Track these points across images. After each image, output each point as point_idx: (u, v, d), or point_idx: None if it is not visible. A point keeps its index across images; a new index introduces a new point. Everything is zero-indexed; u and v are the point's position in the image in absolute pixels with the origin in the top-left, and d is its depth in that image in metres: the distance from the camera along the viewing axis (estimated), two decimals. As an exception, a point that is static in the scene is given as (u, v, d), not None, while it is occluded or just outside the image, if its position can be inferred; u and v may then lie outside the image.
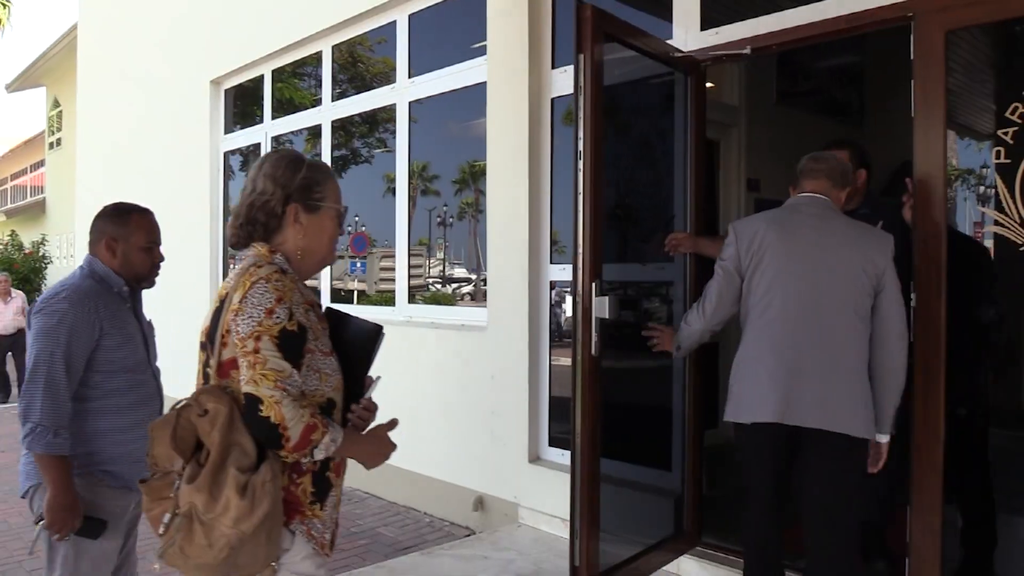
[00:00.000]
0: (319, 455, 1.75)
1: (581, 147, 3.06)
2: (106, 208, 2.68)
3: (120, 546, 2.63)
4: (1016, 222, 2.89)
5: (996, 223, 2.94)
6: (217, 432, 1.68)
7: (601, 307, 3.04)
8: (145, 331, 2.69)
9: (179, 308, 7.75)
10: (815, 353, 2.69)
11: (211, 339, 1.80)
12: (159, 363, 2.77)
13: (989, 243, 3.09)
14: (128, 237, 2.59)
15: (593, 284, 3.04)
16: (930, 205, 2.99)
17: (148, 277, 2.68)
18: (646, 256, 3.92)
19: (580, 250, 3.06)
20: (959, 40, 3.03)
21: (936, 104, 2.98)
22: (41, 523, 2.38)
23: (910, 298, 3.04)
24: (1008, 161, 2.92)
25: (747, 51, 3.54)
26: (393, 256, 5.71)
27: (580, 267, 3.07)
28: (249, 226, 1.89)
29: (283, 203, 1.88)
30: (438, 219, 6.26)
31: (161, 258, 2.71)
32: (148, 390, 2.63)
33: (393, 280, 5.70)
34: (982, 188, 3.09)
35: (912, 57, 3.04)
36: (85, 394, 2.48)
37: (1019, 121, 2.88)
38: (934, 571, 2.98)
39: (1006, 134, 2.92)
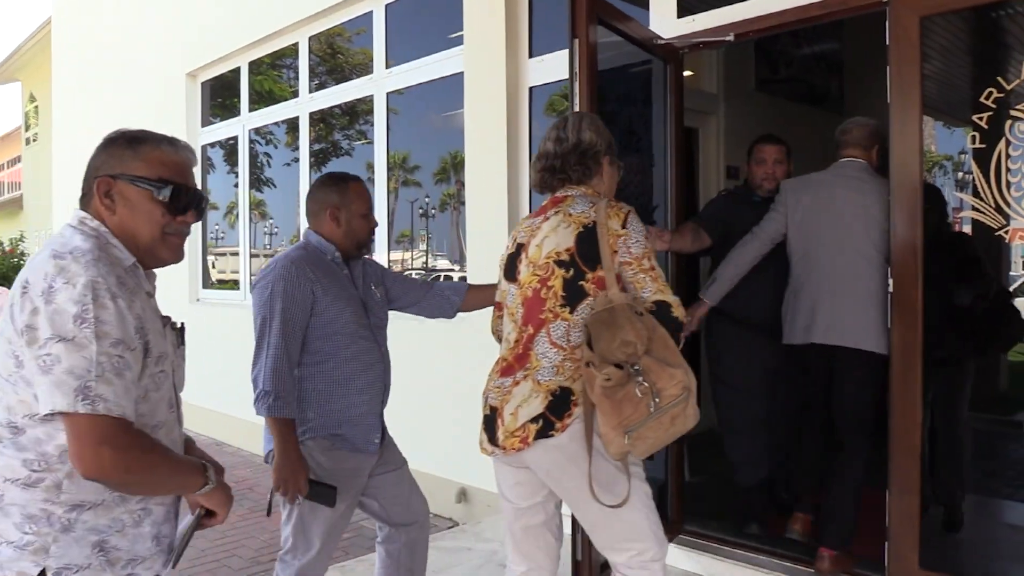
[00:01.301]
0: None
1: None
2: (323, 179, 2.77)
3: (352, 509, 2.70)
4: (991, 207, 2.91)
5: (973, 208, 2.95)
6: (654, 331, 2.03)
7: None
8: (365, 297, 2.71)
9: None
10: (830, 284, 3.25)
11: (584, 259, 2.11)
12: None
13: (967, 228, 3.11)
14: (349, 205, 2.66)
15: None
16: (906, 191, 3.00)
17: (367, 243, 2.75)
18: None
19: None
20: (934, 26, 3.03)
21: (912, 90, 2.98)
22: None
23: (887, 284, 3.07)
24: (983, 146, 2.93)
25: (730, 37, 3.54)
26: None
27: None
28: (575, 169, 2.26)
29: (603, 154, 2.27)
30: (420, 211, 6.24)
31: (376, 224, 2.80)
32: (371, 356, 2.67)
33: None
34: (960, 174, 3.10)
35: (887, 43, 3.04)
36: (308, 360, 2.56)
37: (993, 106, 2.89)
38: (912, 554, 3.01)
39: (981, 119, 2.92)
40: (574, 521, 3.03)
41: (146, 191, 1.63)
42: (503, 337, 2.32)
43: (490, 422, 2.23)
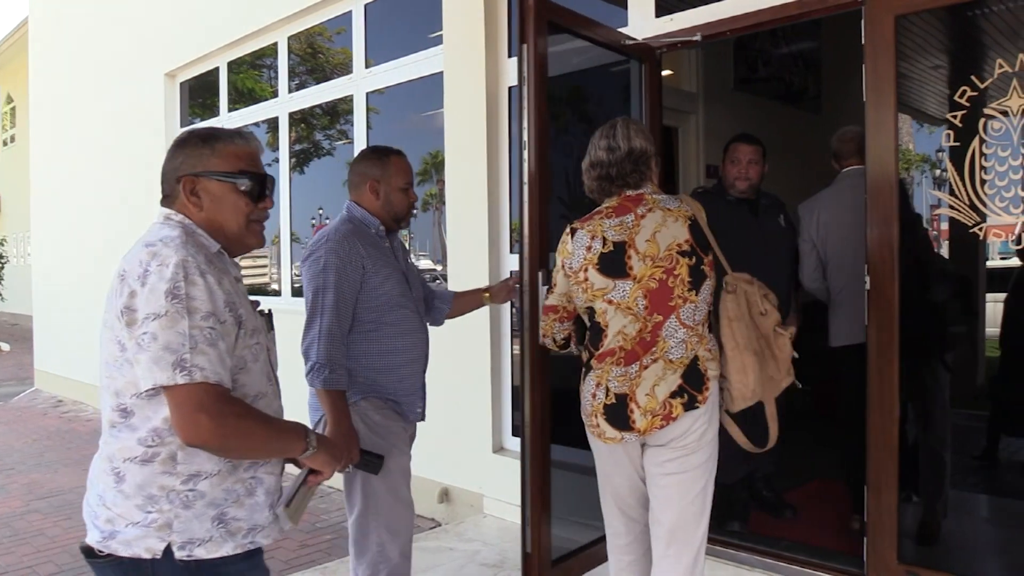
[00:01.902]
0: None
1: (526, 137, 3.04)
2: (365, 151, 2.88)
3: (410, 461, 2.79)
4: (966, 204, 2.93)
5: (950, 206, 2.98)
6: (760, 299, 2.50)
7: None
8: (405, 270, 2.80)
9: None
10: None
11: (700, 246, 2.37)
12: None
13: (945, 226, 3.13)
14: (389, 178, 2.74)
15: (539, 274, 3.01)
16: (882, 189, 3.03)
17: (405, 217, 2.82)
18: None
19: (526, 241, 3.04)
20: (909, 25, 3.06)
21: (887, 89, 3.01)
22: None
23: (865, 281, 3.09)
24: (958, 144, 2.96)
25: (696, 37, 3.56)
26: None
27: (526, 257, 3.05)
28: (632, 176, 2.43)
29: (652, 157, 2.47)
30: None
31: (415, 198, 2.84)
32: (413, 324, 2.76)
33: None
34: (937, 172, 3.13)
35: (863, 42, 3.07)
36: (357, 329, 2.63)
37: (967, 104, 2.92)
38: (891, 549, 3.03)
39: (955, 117, 2.95)
40: (523, 514, 3.05)
41: (229, 184, 1.74)
42: (608, 329, 2.39)
43: (618, 409, 2.35)
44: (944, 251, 3.24)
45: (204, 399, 1.51)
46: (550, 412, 3.10)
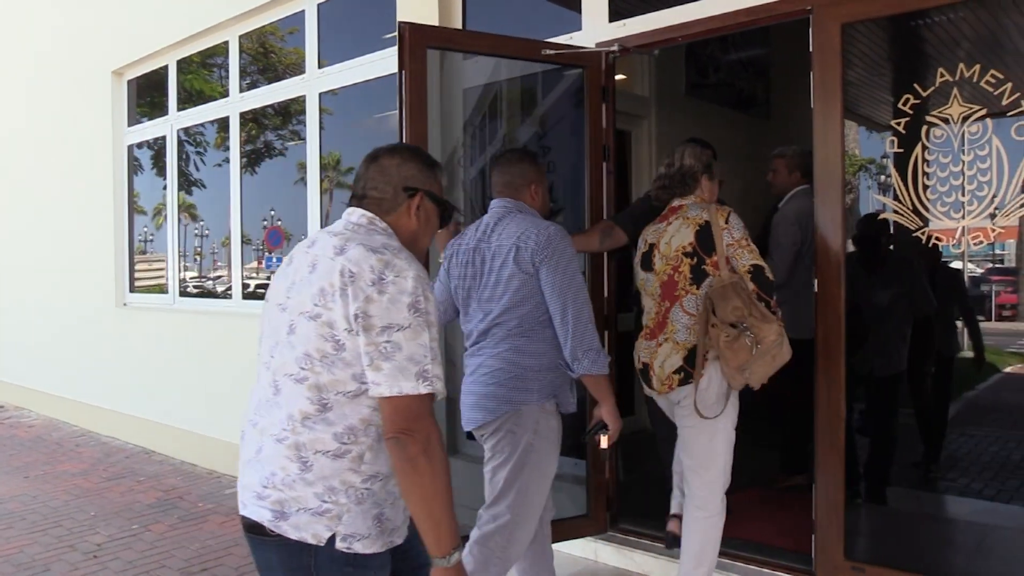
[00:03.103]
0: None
1: None
2: (521, 154, 3.13)
3: None
4: (909, 209, 3.01)
5: (894, 211, 3.05)
6: (752, 295, 2.82)
7: None
8: None
9: (79, 300, 7.46)
10: None
11: (703, 249, 2.88)
12: None
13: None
14: (542, 182, 2.94)
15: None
16: (829, 194, 3.09)
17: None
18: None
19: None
20: (856, 33, 3.14)
21: (833, 96, 3.08)
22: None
23: (812, 283, 3.16)
24: (901, 150, 3.04)
25: (615, 48, 3.66)
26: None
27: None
28: (679, 187, 3.08)
29: (700, 173, 3.07)
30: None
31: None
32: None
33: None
34: (883, 177, 3.20)
35: (811, 50, 3.13)
36: (545, 324, 2.72)
37: (911, 112, 3.00)
38: (838, 546, 3.10)
39: (899, 124, 3.03)
40: None
41: (436, 208, 1.94)
42: (645, 310, 3.10)
43: (645, 373, 3.07)
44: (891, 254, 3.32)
45: (431, 407, 1.67)
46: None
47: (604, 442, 2.85)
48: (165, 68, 6.84)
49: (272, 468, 1.71)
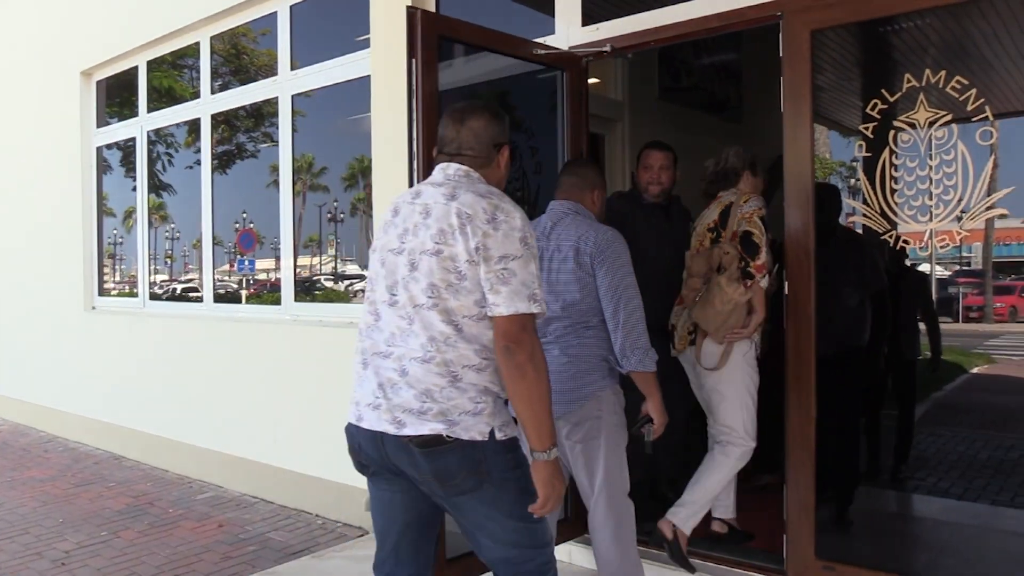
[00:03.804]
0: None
1: (415, 148, 3.09)
2: (586, 161, 3.50)
3: None
4: (877, 212, 3.06)
5: (863, 214, 3.10)
6: (733, 259, 3.23)
7: None
8: None
9: (47, 304, 7.35)
10: None
11: (723, 225, 3.36)
12: None
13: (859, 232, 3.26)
14: (603, 189, 3.15)
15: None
16: (799, 198, 3.13)
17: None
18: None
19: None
20: (825, 39, 3.18)
21: (803, 100, 3.11)
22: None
23: (783, 286, 3.19)
24: (869, 155, 3.08)
25: (607, 48, 3.69)
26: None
27: None
28: (722, 183, 3.52)
29: (741, 170, 3.50)
30: (328, 215, 6.14)
31: None
32: None
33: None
34: (852, 181, 3.25)
35: (781, 55, 3.17)
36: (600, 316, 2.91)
37: (878, 117, 3.05)
38: (808, 546, 3.13)
39: (867, 129, 3.08)
40: None
41: (510, 155, 2.27)
42: (684, 280, 3.51)
43: (671, 335, 3.54)
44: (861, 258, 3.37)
45: (535, 324, 2.01)
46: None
47: (650, 435, 3.01)
48: (135, 69, 6.77)
49: (426, 385, 1.99)
